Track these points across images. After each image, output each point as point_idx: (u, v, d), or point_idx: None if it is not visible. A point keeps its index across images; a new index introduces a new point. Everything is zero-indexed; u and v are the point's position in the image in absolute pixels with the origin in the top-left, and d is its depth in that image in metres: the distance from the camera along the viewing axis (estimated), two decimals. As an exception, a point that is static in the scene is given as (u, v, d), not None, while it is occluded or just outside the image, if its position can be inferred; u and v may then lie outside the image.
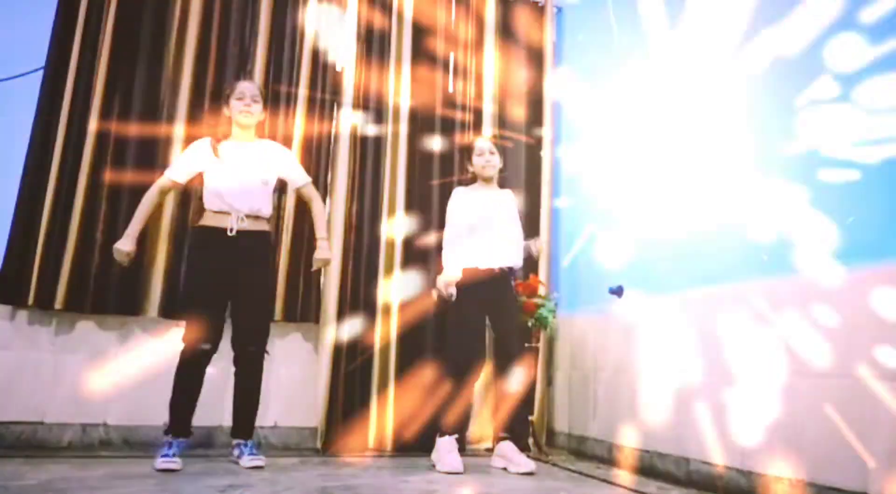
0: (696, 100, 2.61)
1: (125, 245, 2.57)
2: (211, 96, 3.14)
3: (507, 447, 2.67)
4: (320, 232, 2.79)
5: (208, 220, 2.63)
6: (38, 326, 2.89)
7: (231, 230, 2.58)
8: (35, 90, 2.93)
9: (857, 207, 1.82)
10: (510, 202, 2.97)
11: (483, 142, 2.95)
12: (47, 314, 2.88)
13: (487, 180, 2.92)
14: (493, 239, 2.81)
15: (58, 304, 2.79)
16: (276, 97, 3.23)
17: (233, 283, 2.60)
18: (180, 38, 3.14)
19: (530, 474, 2.53)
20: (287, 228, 3.14)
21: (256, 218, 2.66)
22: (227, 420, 2.99)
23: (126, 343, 2.98)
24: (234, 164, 2.65)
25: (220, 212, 2.61)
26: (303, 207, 3.17)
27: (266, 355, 2.67)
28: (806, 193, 2.00)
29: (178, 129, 3.07)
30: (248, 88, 2.71)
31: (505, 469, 2.64)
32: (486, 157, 2.89)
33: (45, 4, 3.00)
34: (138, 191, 2.96)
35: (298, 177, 2.83)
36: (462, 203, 2.87)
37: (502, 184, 3.04)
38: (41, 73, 2.96)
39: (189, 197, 3.04)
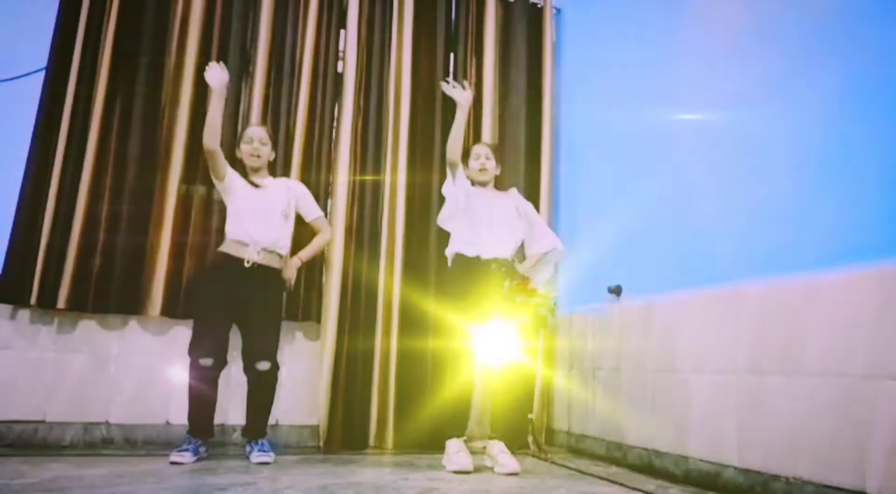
0: (696, 99, 2.62)
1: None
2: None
3: (495, 447, 2.65)
4: (304, 250, 2.90)
5: (228, 248, 2.71)
6: (39, 325, 2.90)
7: (248, 261, 2.67)
8: (37, 90, 2.94)
9: (857, 207, 1.83)
10: (513, 201, 2.90)
11: (480, 147, 2.91)
12: (48, 313, 2.89)
13: (482, 184, 2.87)
14: (487, 232, 2.76)
15: (60, 304, 2.80)
16: (277, 99, 3.25)
17: (242, 308, 2.69)
18: (182, 39, 3.15)
19: (514, 474, 2.49)
20: (288, 228, 3.15)
21: (272, 252, 2.75)
22: (228, 419, 3.01)
23: (127, 342, 2.99)
24: (256, 197, 2.76)
25: (240, 241, 2.70)
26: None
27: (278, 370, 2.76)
28: (806, 193, 2.01)
29: (180, 130, 3.08)
30: (256, 132, 2.83)
31: (492, 468, 2.63)
32: (481, 161, 2.84)
33: (47, 5, 3.01)
34: (140, 191, 3.00)
35: (311, 210, 2.95)
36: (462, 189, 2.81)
37: (502, 187, 2.98)
38: (43, 73, 2.97)
39: (190, 200, 3.06)
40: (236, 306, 2.68)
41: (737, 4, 2.44)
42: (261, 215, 2.74)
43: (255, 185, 2.79)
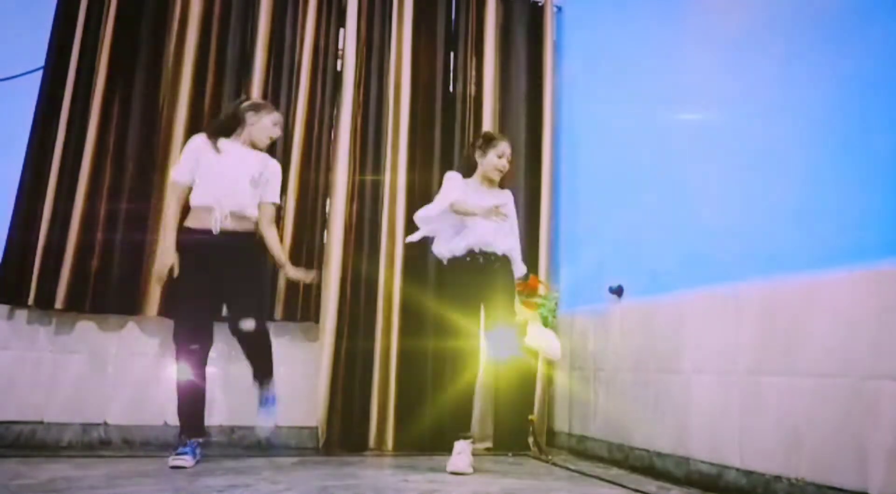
0: (697, 98, 2.61)
1: (168, 258, 2.57)
2: (211, 96, 3.14)
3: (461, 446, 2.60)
4: (279, 257, 2.75)
5: (193, 220, 2.58)
6: (37, 326, 2.89)
7: (214, 229, 2.55)
8: (35, 90, 2.92)
9: (857, 207, 1.82)
10: (506, 199, 2.84)
11: (506, 145, 2.81)
12: (46, 313, 2.88)
13: (490, 181, 2.82)
14: (487, 228, 2.68)
15: (58, 304, 2.79)
16: (276, 97, 3.24)
17: (220, 281, 2.59)
18: (180, 38, 3.14)
19: (462, 474, 2.47)
20: (288, 229, 3.14)
21: (241, 217, 2.62)
22: (225, 421, 3.00)
23: (125, 342, 2.98)
24: (226, 161, 2.61)
25: (205, 207, 2.56)
26: (303, 208, 3.17)
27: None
28: (806, 192, 2.00)
29: (178, 129, 3.07)
30: (280, 119, 2.78)
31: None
32: (504, 161, 2.78)
33: (46, 4, 2.99)
34: (138, 191, 2.99)
35: (271, 193, 2.74)
36: (460, 188, 2.73)
37: (502, 185, 2.96)
38: (41, 72, 2.96)
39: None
40: (213, 279, 2.57)
41: (738, 3, 2.43)
42: (227, 179, 2.59)
43: (218, 151, 2.61)
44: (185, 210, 2.63)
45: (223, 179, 2.59)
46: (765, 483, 1.97)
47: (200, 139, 2.66)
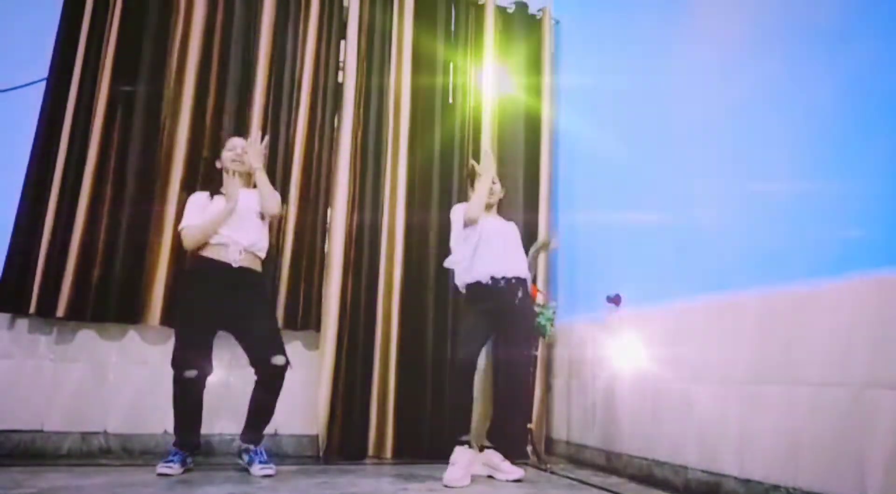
0: (694, 107, 2.63)
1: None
2: (213, 108, 3.16)
3: (493, 455, 2.64)
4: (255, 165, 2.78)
5: (209, 252, 2.65)
6: (38, 334, 2.89)
7: (234, 262, 2.63)
8: (38, 101, 2.95)
9: (856, 214, 1.84)
10: (513, 230, 2.91)
11: (477, 170, 2.89)
12: (47, 322, 2.89)
13: (487, 207, 2.85)
14: (498, 252, 2.76)
15: (59, 313, 2.80)
16: (277, 109, 3.26)
17: (230, 315, 2.62)
18: (182, 51, 3.17)
19: (519, 481, 2.52)
20: (289, 238, 3.16)
21: (254, 255, 2.72)
22: (226, 429, 3.00)
23: (126, 351, 2.99)
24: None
25: (221, 244, 2.65)
26: (304, 218, 3.19)
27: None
28: (805, 199, 2.02)
29: (181, 138, 3.09)
30: (239, 141, 2.84)
31: (490, 477, 2.61)
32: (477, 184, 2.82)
33: (49, 16, 3.02)
34: (139, 201, 3.00)
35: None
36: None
37: (500, 209, 2.99)
38: (44, 84, 2.98)
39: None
40: (223, 313, 2.62)
41: (733, 13, 2.46)
42: (238, 218, 2.68)
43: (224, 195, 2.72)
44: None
45: (234, 218, 2.67)
46: (763, 492, 1.98)
47: (204, 194, 2.77)
